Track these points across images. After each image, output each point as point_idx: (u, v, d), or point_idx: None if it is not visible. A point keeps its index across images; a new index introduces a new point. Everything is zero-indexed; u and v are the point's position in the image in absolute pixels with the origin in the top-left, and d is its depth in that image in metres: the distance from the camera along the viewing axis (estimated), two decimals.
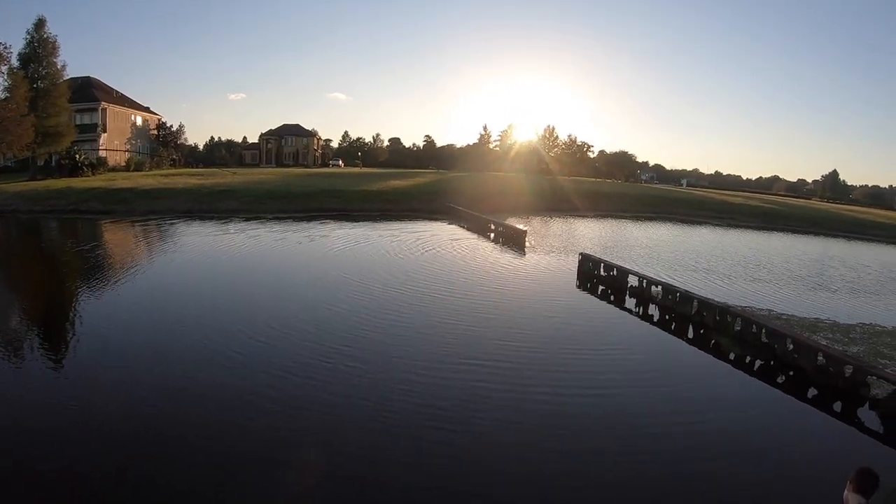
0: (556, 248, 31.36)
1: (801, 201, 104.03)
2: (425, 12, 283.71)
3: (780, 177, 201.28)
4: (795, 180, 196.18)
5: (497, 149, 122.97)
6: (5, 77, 51.95)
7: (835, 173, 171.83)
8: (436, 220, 42.25)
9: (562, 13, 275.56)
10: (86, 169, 59.35)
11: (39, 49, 56.30)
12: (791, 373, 13.23)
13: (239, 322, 14.95)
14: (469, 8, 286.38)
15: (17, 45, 58.87)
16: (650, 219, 53.84)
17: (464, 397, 10.92)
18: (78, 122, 65.69)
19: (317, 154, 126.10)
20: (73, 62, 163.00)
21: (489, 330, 15.14)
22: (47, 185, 48.93)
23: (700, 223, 53.45)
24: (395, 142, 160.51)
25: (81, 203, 42.93)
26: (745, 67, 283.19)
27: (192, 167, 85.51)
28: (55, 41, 57.50)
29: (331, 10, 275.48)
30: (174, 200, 44.13)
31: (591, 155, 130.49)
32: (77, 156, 60.42)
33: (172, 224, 36.24)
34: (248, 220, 38.48)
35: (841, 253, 41.83)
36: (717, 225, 53.19)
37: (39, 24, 56.14)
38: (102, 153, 69.67)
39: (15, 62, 54.15)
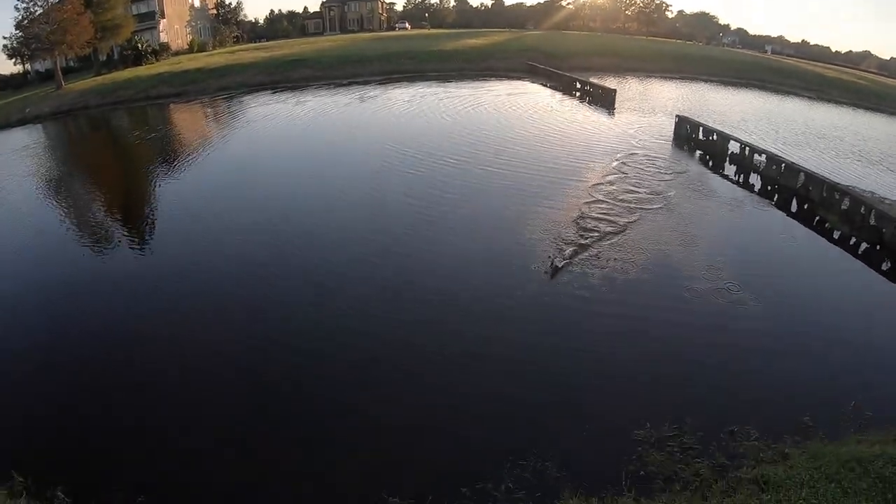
0: (644, 109, 30.32)
1: None
2: None
3: (872, 53, 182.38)
4: (889, 58, 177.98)
5: (570, 5, 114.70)
6: None
7: None
8: (518, 78, 40.73)
9: None
10: (150, 56, 58.29)
11: None
12: None
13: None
14: None
15: None
16: (737, 85, 50.64)
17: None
18: (135, 13, 62.28)
19: (382, 18, 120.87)
20: None
21: (587, 190, 15.30)
22: (113, 77, 48.06)
23: (788, 93, 50.17)
24: (461, 2, 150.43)
25: (151, 89, 42.28)
26: None
27: (256, 42, 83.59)
28: None
29: None
30: (244, 75, 43.24)
31: (669, 15, 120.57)
32: (139, 45, 59.17)
33: (240, 99, 36.10)
34: (324, 87, 38.09)
35: None
36: (807, 97, 49.87)
37: None
38: (164, 39, 67.88)
39: None
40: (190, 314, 10.98)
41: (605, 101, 30.46)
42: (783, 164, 17.71)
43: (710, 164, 19.50)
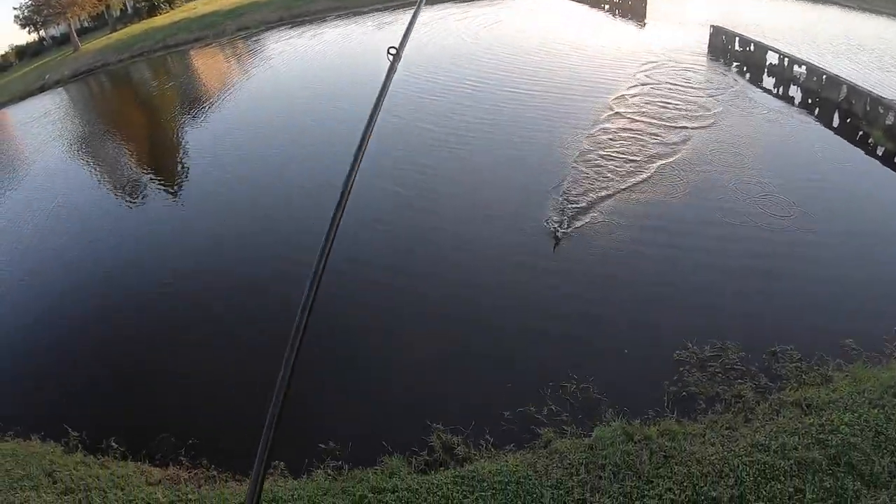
0: (677, 19, 28.63)
1: None
2: None
3: None
4: None
5: None
6: None
7: None
8: None
9: None
10: (164, 6, 56.04)
11: None
12: None
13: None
14: None
15: None
16: None
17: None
18: None
19: None
20: None
21: (620, 105, 14.71)
22: (129, 31, 46.18)
23: (826, 2, 47.00)
24: None
25: (168, 38, 40.54)
26: None
27: None
28: None
29: None
30: (262, 12, 41.26)
31: None
32: None
33: (258, 38, 34.87)
34: (343, 17, 36.31)
35: None
36: (847, 6, 46.64)
37: None
38: None
39: None
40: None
41: (635, 12, 28.80)
42: (824, 76, 16.72)
43: (748, 76, 18.48)
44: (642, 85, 17.08)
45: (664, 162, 12.60)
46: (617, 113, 15.22)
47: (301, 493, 6.08)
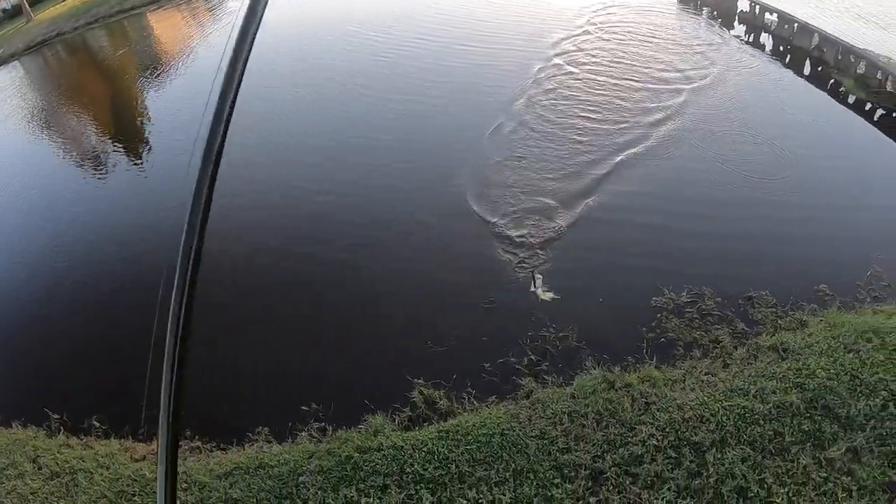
0: None
1: None
2: None
3: None
4: None
5: None
6: None
7: None
8: None
9: None
10: None
11: None
12: None
13: None
14: None
15: None
16: None
17: None
18: None
19: None
20: None
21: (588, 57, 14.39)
22: None
23: None
24: None
25: (125, 1, 38.25)
26: None
27: None
28: None
29: None
30: None
31: None
32: None
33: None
34: None
35: None
36: None
37: None
38: None
39: None
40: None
41: None
42: (796, 24, 16.54)
43: (719, 22, 18.20)
44: (613, 36, 16.71)
45: (640, 107, 12.42)
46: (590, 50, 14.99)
47: (286, 457, 5.94)
